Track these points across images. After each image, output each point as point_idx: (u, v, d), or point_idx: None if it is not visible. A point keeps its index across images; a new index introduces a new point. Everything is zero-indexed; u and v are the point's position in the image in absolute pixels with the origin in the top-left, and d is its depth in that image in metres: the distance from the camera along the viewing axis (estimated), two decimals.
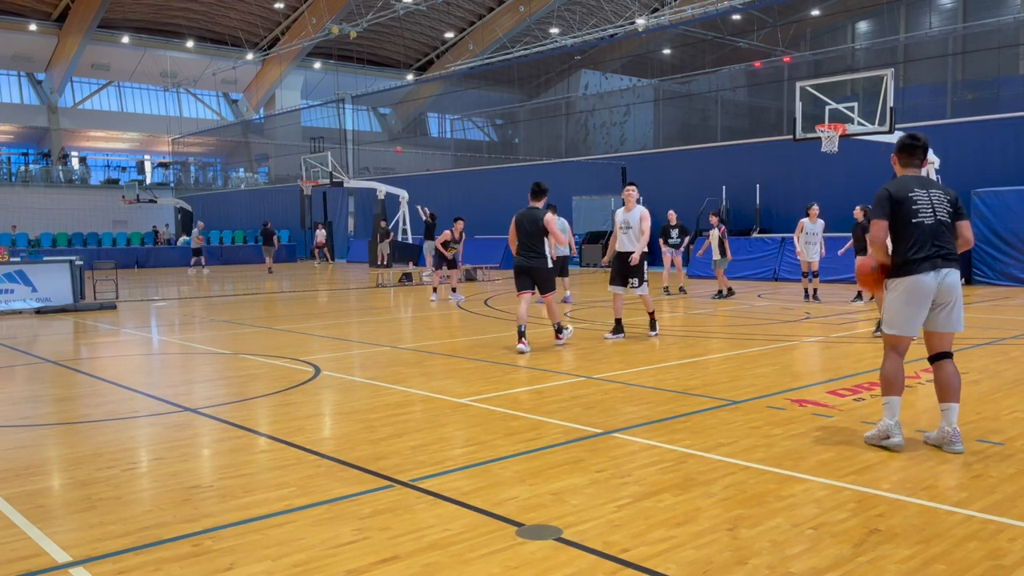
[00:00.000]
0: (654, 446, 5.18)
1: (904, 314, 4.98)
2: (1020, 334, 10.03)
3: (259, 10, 44.83)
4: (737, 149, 26.14)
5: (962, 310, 5.04)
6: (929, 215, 4.96)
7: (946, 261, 4.93)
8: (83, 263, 16.73)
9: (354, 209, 39.73)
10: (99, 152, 50.97)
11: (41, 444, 5.69)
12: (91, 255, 28.67)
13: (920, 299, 4.93)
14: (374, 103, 50.69)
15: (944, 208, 5.01)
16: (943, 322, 5.02)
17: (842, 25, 36.79)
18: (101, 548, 3.67)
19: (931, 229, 4.94)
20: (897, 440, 5.01)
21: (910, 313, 4.97)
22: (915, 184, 5.06)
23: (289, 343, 10.53)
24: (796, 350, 9.20)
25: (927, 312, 4.98)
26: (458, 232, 16.60)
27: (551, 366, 8.37)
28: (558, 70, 42.99)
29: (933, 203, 4.99)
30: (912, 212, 4.95)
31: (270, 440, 5.58)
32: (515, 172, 33.52)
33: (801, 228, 14.39)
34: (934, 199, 5.01)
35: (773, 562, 3.40)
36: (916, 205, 4.96)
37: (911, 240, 4.94)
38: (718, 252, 15.49)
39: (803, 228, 14.36)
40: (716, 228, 15.52)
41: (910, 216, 4.95)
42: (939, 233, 4.95)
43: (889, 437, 5.04)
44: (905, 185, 5.05)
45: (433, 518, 3.97)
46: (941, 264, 4.91)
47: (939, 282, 4.92)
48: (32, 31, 43.08)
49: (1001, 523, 3.80)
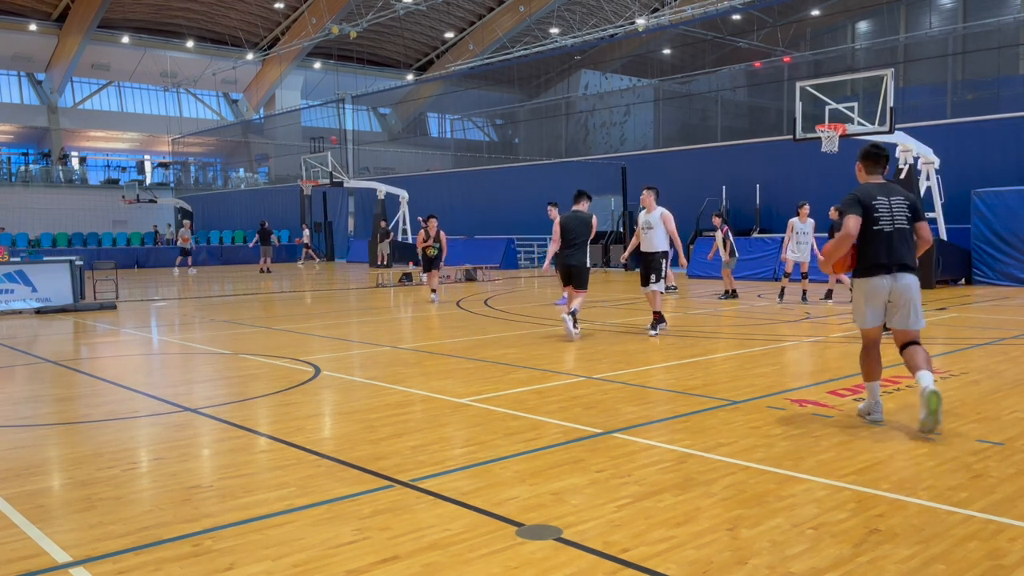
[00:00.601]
0: (654, 446, 5.18)
1: (865, 311, 5.59)
2: (1020, 334, 10.03)
3: (259, 10, 44.84)
4: (737, 149, 26.15)
5: (919, 309, 5.52)
6: (888, 223, 5.45)
7: (901, 267, 5.44)
8: (83, 263, 16.74)
9: (354, 209, 39.75)
10: (99, 152, 50.99)
11: (41, 444, 5.69)
12: (91, 255, 28.68)
13: (877, 299, 5.51)
14: (374, 103, 50.71)
15: (903, 214, 5.49)
16: (902, 321, 5.52)
17: (842, 25, 36.79)
18: (101, 548, 3.67)
19: (889, 236, 5.43)
20: (876, 418, 5.63)
21: (870, 310, 5.56)
22: (878, 192, 5.53)
23: (289, 343, 10.53)
24: (796, 350, 9.20)
25: (884, 309, 5.54)
26: (432, 231, 15.87)
27: (551, 366, 8.37)
28: (558, 70, 42.99)
29: (893, 211, 5.47)
30: (874, 220, 5.43)
31: (270, 440, 5.58)
32: (515, 172, 33.53)
33: (791, 228, 14.39)
34: (894, 206, 5.49)
35: (773, 562, 3.40)
36: (878, 213, 5.45)
37: (872, 246, 5.45)
38: (725, 253, 15.44)
39: (793, 228, 14.36)
40: (719, 229, 15.48)
41: (871, 223, 5.43)
42: (897, 240, 5.44)
43: (871, 414, 5.69)
44: (869, 192, 5.52)
45: (433, 518, 3.97)
46: (896, 270, 5.44)
47: (892, 285, 5.44)
48: (32, 31, 43.09)
49: (1001, 523, 3.80)
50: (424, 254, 15.92)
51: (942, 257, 16.86)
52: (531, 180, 31.40)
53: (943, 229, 17.90)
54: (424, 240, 15.86)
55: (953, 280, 17.59)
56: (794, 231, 14.33)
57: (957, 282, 17.67)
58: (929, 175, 17.80)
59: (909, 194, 5.69)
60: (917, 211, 5.61)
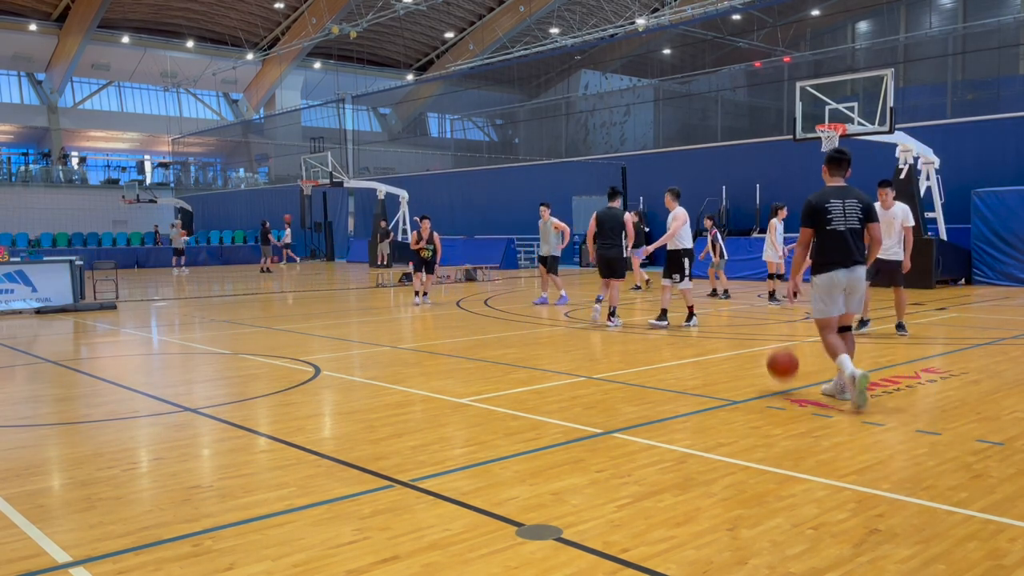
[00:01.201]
0: (654, 446, 5.18)
1: (826, 302, 6.29)
2: (1020, 334, 10.03)
3: (259, 10, 44.84)
4: (737, 149, 26.14)
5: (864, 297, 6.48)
6: (841, 223, 6.21)
7: (854, 261, 6.22)
8: (83, 263, 16.73)
9: (354, 209, 39.75)
10: (99, 152, 50.98)
11: (41, 444, 5.69)
12: (91, 255, 28.67)
13: (836, 289, 6.23)
14: (374, 103, 50.70)
15: (855, 215, 6.23)
16: (851, 307, 6.36)
17: (842, 25, 36.79)
18: (101, 548, 3.67)
19: (842, 235, 6.19)
20: (848, 397, 6.07)
21: (830, 301, 6.27)
22: (833, 195, 6.27)
23: (289, 343, 10.53)
24: (796, 350, 9.19)
25: (843, 299, 6.26)
26: (425, 232, 15.35)
27: (551, 366, 8.37)
28: (558, 70, 42.99)
29: (846, 212, 6.21)
30: (827, 220, 6.19)
31: (270, 440, 5.58)
32: (515, 172, 33.52)
33: (773, 229, 14.61)
34: (847, 208, 6.22)
35: (773, 562, 3.40)
36: (831, 215, 6.19)
37: (827, 243, 6.21)
38: (715, 255, 15.73)
39: (775, 229, 14.59)
40: (708, 232, 15.82)
41: (826, 224, 6.20)
42: (849, 238, 6.20)
43: (844, 392, 6.13)
44: (824, 196, 6.27)
45: (433, 518, 3.97)
46: (851, 263, 6.20)
47: (849, 277, 6.21)
48: (32, 31, 43.09)
49: (1001, 523, 3.80)
50: (418, 256, 15.59)
51: (942, 257, 16.86)
52: (531, 180, 31.40)
53: (943, 229, 17.90)
54: (417, 242, 15.47)
55: (953, 280, 17.59)
56: (776, 232, 14.54)
57: (957, 282, 17.67)
58: (929, 175, 17.79)
59: (864, 197, 6.35)
60: (870, 213, 6.31)
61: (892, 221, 9.49)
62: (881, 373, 7.51)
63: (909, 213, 9.62)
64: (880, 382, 7.08)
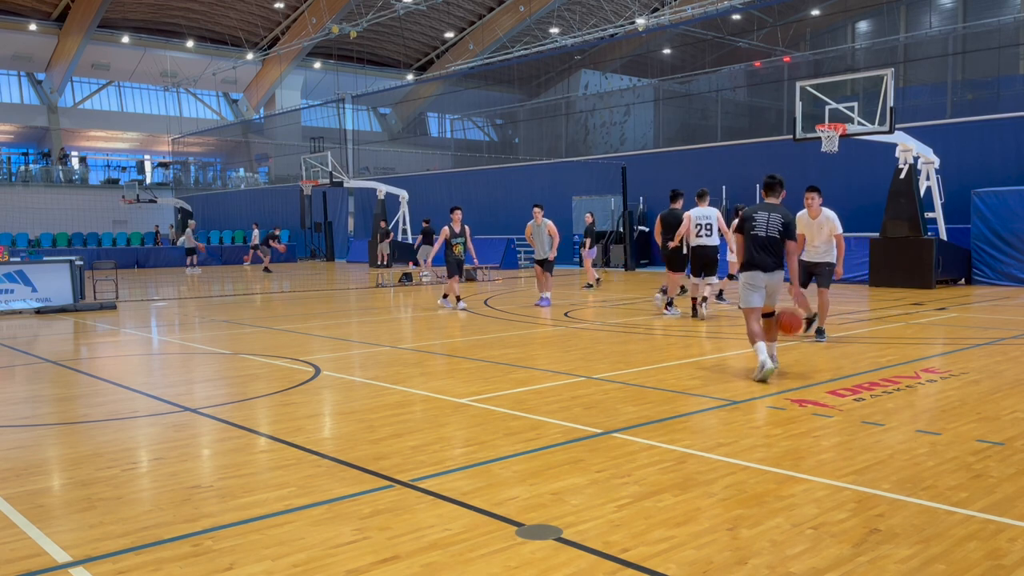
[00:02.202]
0: (654, 446, 5.18)
1: (748, 295, 7.58)
2: (1020, 334, 10.03)
3: (259, 10, 44.83)
4: (737, 149, 26.13)
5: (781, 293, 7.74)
6: (763, 231, 7.55)
7: (773, 265, 7.55)
8: (83, 263, 16.73)
9: (354, 209, 39.75)
10: (99, 152, 50.97)
11: (41, 444, 5.69)
12: (91, 255, 28.67)
13: (756, 285, 7.53)
14: (374, 103, 50.68)
15: (775, 228, 7.54)
16: (768, 301, 7.62)
17: (842, 25, 36.78)
18: (101, 548, 3.67)
19: (762, 241, 7.53)
20: (769, 367, 7.19)
21: (751, 294, 7.56)
22: (760, 209, 7.65)
23: (289, 343, 10.53)
24: (796, 350, 9.20)
25: (763, 293, 7.53)
26: (456, 225, 14.31)
27: (551, 366, 8.37)
28: (558, 70, 42.98)
29: (768, 223, 7.55)
30: (751, 227, 7.60)
31: (270, 440, 5.58)
32: (515, 172, 33.51)
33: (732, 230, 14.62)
34: (770, 220, 7.56)
35: (773, 562, 3.40)
36: (755, 223, 7.59)
37: (751, 248, 7.58)
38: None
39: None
40: None
41: (751, 231, 7.59)
42: (768, 245, 7.54)
43: (764, 367, 7.20)
44: (754, 209, 7.70)
45: (433, 518, 3.97)
46: (770, 268, 7.53)
47: (767, 278, 7.52)
48: (32, 31, 43.07)
49: (1001, 523, 3.80)
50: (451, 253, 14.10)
51: (942, 257, 16.86)
52: (531, 180, 31.39)
53: (943, 229, 17.90)
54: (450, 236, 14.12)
55: (953, 280, 17.59)
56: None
57: (957, 282, 17.67)
58: (929, 175, 17.79)
59: (788, 215, 7.65)
60: (788, 228, 7.57)
61: (822, 226, 9.68)
62: (881, 373, 7.51)
63: (837, 220, 9.69)
64: (880, 382, 7.09)
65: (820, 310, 9.85)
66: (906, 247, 16.94)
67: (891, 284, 17.08)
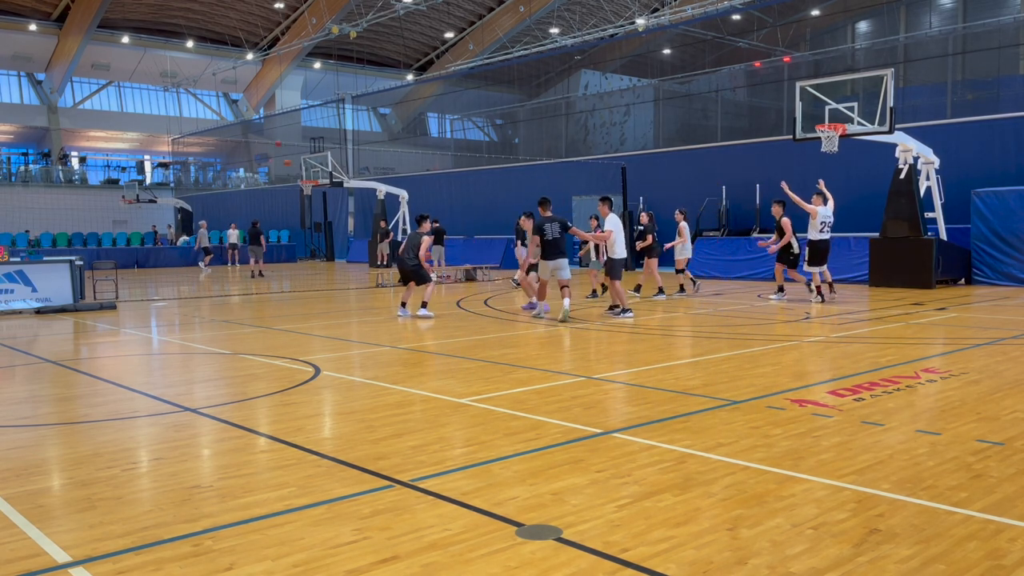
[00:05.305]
0: (654, 446, 5.18)
1: (544, 273, 12.23)
2: (1020, 334, 10.03)
3: (259, 10, 44.83)
4: (737, 149, 26.13)
5: (567, 271, 12.17)
6: (551, 235, 11.92)
7: (557, 254, 11.98)
8: (83, 263, 16.72)
9: (354, 209, 39.75)
10: (99, 152, 50.98)
11: (41, 444, 5.69)
12: (91, 255, 28.65)
13: (548, 268, 12.08)
14: (374, 103, 50.69)
15: (556, 230, 11.98)
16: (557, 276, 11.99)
17: (842, 25, 36.78)
18: (101, 548, 3.67)
19: (551, 242, 11.91)
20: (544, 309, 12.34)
21: (547, 273, 12.16)
22: (548, 221, 12.00)
23: (289, 343, 10.53)
24: (796, 350, 9.20)
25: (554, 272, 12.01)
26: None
27: (551, 366, 8.38)
28: (558, 70, 42.98)
29: (554, 229, 11.93)
30: (544, 233, 11.92)
31: (270, 440, 5.58)
32: (515, 172, 33.50)
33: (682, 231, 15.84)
34: (554, 227, 11.98)
35: (773, 562, 3.40)
36: (545, 230, 11.91)
37: (544, 245, 11.93)
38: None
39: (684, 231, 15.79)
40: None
41: (544, 235, 11.93)
42: (553, 243, 11.91)
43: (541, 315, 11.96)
44: (543, 220, 12.02)
45: (433, 518, 3.97)
46: (555, 256, 11.99)
47: (553, 264, 12.03)
48: (32, 31, 43.08)
49: (1001, 523, 3.80)
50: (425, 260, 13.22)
51: (942, 257, 16.86)
52: (531, 180, 31.38)
53: (943, 229, 17.89)
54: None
55: (953, 280, 17.59)
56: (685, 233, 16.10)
57: (957, 282, 17.66)
58: (929, 175, 17.78)
59: (564, 221, 12.14)
60: (565, 227, 12.09)
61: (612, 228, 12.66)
62: (881, 373, 7.51)
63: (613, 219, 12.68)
64: (880, 382, 7.08)
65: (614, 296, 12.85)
66: (906, 247, 16.94)
67: (891, 284, 17.08)
